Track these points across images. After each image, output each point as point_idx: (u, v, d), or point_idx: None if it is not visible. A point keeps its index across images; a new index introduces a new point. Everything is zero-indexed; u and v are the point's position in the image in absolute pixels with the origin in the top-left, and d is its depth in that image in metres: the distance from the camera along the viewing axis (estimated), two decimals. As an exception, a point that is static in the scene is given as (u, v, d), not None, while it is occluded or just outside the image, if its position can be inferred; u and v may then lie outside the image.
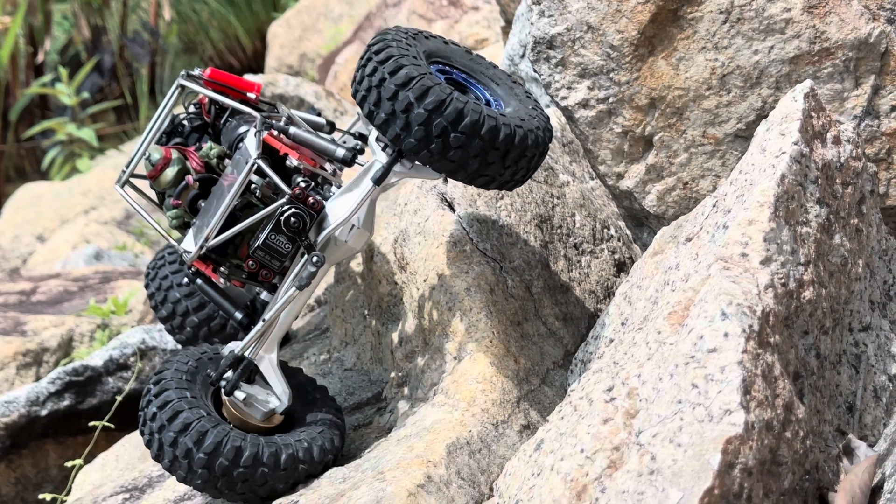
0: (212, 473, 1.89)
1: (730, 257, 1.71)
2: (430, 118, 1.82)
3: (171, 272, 2.48)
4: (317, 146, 2.04)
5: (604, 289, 2.37)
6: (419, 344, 2.18)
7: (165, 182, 2.08)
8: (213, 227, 1.96)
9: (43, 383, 3.03)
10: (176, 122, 2.23)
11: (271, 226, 1.93)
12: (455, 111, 1.82)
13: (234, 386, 1.97)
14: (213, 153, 2.12)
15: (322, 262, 1.92)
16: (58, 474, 3.04)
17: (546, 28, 2.17)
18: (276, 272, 1.97)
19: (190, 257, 1.99)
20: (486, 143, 1.84)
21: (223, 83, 2.22)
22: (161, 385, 1.96)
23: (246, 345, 1.98)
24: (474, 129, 1.83)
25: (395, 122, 1.85)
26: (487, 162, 1.86)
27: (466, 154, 1.84)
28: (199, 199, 2.08)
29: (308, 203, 1.93)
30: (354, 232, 1.96)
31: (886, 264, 2.00)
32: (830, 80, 2.02)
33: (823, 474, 1.70)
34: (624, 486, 1.53)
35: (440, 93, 1.83)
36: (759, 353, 1.59)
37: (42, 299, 3.82)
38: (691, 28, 2.07)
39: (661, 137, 2.14)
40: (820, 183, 1.83)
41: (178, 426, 1.90)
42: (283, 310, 1.96)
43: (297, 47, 6.55)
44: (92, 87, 7.61)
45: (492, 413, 1.99)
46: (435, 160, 1.86)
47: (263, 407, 1.98)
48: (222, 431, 1.91)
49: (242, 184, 1.95)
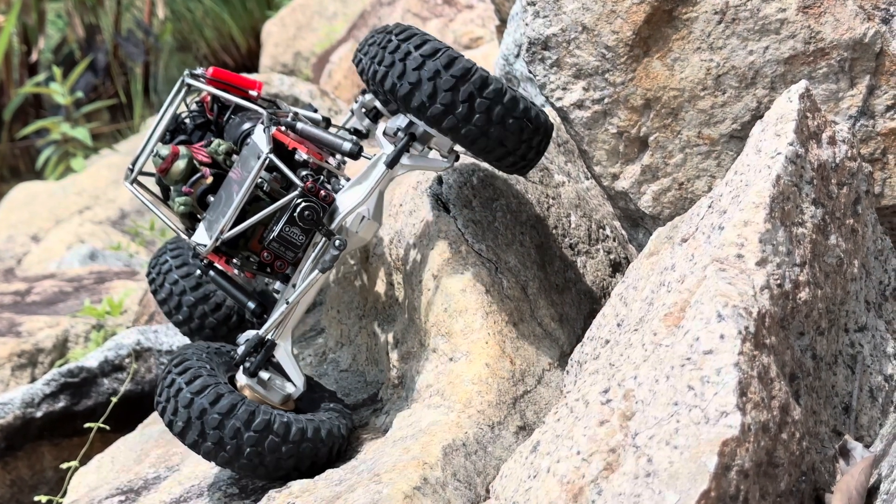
0: (223, 435, 1.92)
1: (725, 258, 1.71)
2: (457, 84, 1.94)
3: (176, 266, 2.48)
4: (324, 140, 2.14)
5: (599, 289, 2.37)
6: (415, 345, 2.18)
7: (177, 173, 2.12)
8: (229, 220, 2.03)
9: (38, 385, 3.03)
10: (179, 120, 2.26)
11: (286, 218, 2.00)
12: (480, 78, 1.95)
13: (259, 367, 2.02)
14: (222, 149, 2.17)
15: (345, 245, 1.99)
16: (53, 476, 3.04)
17: (541, 29, 2.16)
18: (290, 263, 2.05)
19: (206, 249, 2.05)
20: (508, 111, 1.97)
21: (226, 82, 2.26)
22: (182, 357, 2.01)
23: (269, 327, 2.04)
24: (498, 95, 1.96)
25: (421, 89, 1.94)
26: (508, 131, 1.98)
27: (489, 120, 1.96)
28: (208, 193, 2.14)
29: (320, 196, 2.00)
30: (365, 223, 2.04)
31: (882, 264, 2.00)
32: (825, 81, 2.02)
33: (820, 475, 1.70)
34: (620, 488, 1.53)
35: (466, 62, 1.96)
36: (755, 355, 1.59)
37: (37, 300, 3.82)
38: (686, 28, 2.07)
39: (657, 138, 2.14)
40: (815, 184, 1.83)
41: (196, 387, 1.94)
42: (306, 292, 2.02)
43: (291, 46, 6.55)
44: (86, 85, 7.60)
45: (488, 414, 1.99)
46: (460, 126, 1.96)
47: (281, 390, 2.04)
48: (238, 397, 1.95)
49: (256, 177, 2.01)
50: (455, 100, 1.94)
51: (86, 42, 7.98)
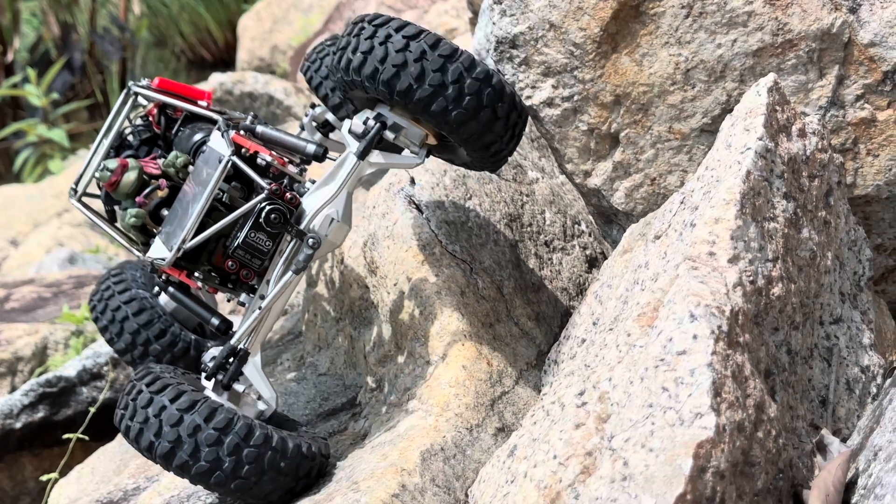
0: (220, 453, 1.79)
1: (697, 256, 1.70)
2: (445, 64, 1.85)
3: (118, 291, 2.39)
4: (287, 143, 2.03)
5: (576, 286, 2.36)
6: (392, 348, 2.17)
7: (127, 185, 2.05)
8: (191, 228, 1.93)
9: (16, 395, 3.01)
10: (123, 136, 2.20)
11: (251, 223, 1.91)
12: (469, 58, 1.86)
13: (233, 378, 1.92)
14: (180, 162, 2.09)
15: (318, 243, 1.90)
16: (35, 486, 3.02)
17: (508, 27, 2.15)
18: (256, 272, 1.96)
19: (167, 262, 1.95)
20: (497, 94, 1.87)
21: (173, 93, 2.19)
22: (153, 375, 1.88)
23: (241, 335, 1.94)
24: (488, 76, 1.87)
25: (408, 71, 1.84)
26: (496, 115, 1.89)
27: (479, 102, 1.86)
28: (162, 207, 2.06)
29: (286, 199, 1.92)
30: (335, 225, 1.94)
31: (856, 255, 1.99)
32: (794, 72, 2.01)
33: (797, 471, 1.69)
34: (597, 492, 1.52)
35: (451, 43, 1.87)
36: (728, 354, 1.58)
37: (15, 307, 3.79)
38: (654, 24, 2.05)
39: (627, 134, 2.13)
40: (786, 177, 1.82)
41: (185, 404, 1.80)
42: (280, 295, 1.93)
43: (268, 39, 6.52)
44: (63, 84, 7.56)
45: (466, 417, 1.98)
46: (449, 109, 1.86)
47: (254, 406, 1.94)
48: (231, 410, 1.83)
49: (219, 180, 1.93)
50: (444, 81, 1.84)
51: (61, 40, 7.94)
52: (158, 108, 2.24)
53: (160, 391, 1.84)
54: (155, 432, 1.81)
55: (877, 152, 2.02)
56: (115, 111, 2.18)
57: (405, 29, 1.87)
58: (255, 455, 1.80)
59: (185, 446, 1.79)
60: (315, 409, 2.25)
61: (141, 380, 1.88)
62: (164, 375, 1.89)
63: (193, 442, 1.79)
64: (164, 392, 1.83)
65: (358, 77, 1.90)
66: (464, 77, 1.85)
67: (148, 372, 1.91)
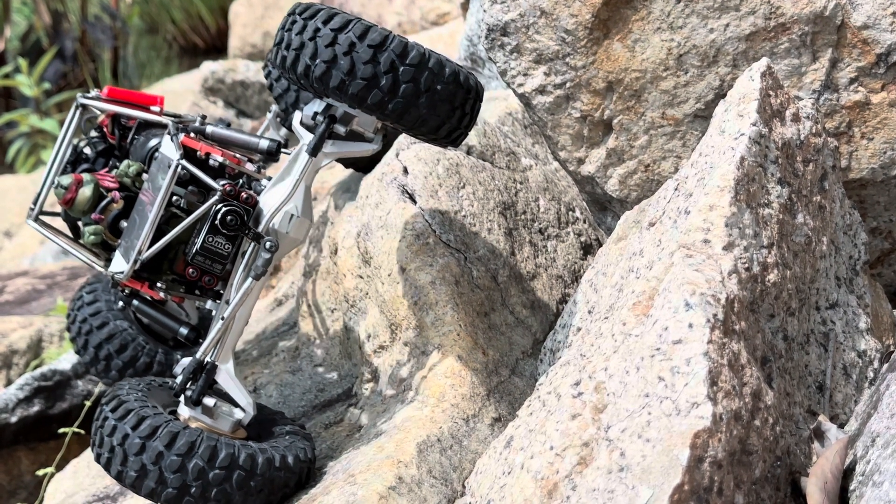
0: (186, 477, 1.75)
1: (692, 244, 1.70)
2: (375, 54, 1.75)
3: (87, 303, 2.35)
4: (238, 141, 2.00)
5: (571, 273, 2.35)
6: (387, 339, 2.16)
7: (83, 202, 2.00)
8: (145, 239, 1.89)
9: (12, 390, 3.01)
10: (78, 150, 2.16)
11: (207, 227, 1.87)
12: (400, 44, 1.76)
13: (201, 393, 1.87)
14: (132, 170, 2.04)
15: (276, 246, 1.85)
16: (31, 481, 3.02)
17: (499, 15, 2.13)
18: (219, 277, 1.92)
19: (124, 275, 1.91)
20: (435, 77, 1.78)
21: (124, 101, 2.16)
22: (117, 398, 1.85)
23: (206, 349, 1.89)
24: (422, 61, 1.77)
25: (338, 66, 1.76)
26: (437, 99, 1.79)
27: (417, 88, 1.77)
28: (120, 219, 2.02)
29: (242, 199, 1.87)
30: (295, 221, 1.90)
31: (851, 239, 1.98)
32: (788, 56, 2.00)
33: (795, 458, 1.69)
34: (594, 483, 1.52)
35: (381, 30, 1.77)
36: (724, 342, 1.57)
37: (10, 299, 3.78)
38: (645, 9, 2.04)
39: (621, 120, 2.12)
40: (780, 163, 1.81)
41: (146, 431, 1.76)
42: (241, 304, 1.88)
43: (259, 26, 6.49)
44: (55, 73, 7.52)
45: (462, 408, 1.97)
46: (386, 101, 1.77)
47: (230, 417, 1.90)
48: (195, 432, 1.79)
49: (170, 186, 1.89)
50: (377, 72, 1.75)
51: (52, 29, 7.90)
52: (111, 117, 2.20)
53: (122, 418, 1.80)
54: (121, 462, 1.78)
55: (871, 135, 2.01)
56: (66, 125, 2.13)
57: (332, 21, 1.78)
58: (222, 477, 1.77)
59: (150, 474, 1.77)
60: (311, 401, 2.25)
61: (107, 404, 1.85)
62: (128, 398, 1.84)
63: (158, 470, 1.76)
64: (127, 419, 1.79)
65: (294, 76, 1.84)
66: (396, 65, 1.76)
67: (114, 395, 1.87)
